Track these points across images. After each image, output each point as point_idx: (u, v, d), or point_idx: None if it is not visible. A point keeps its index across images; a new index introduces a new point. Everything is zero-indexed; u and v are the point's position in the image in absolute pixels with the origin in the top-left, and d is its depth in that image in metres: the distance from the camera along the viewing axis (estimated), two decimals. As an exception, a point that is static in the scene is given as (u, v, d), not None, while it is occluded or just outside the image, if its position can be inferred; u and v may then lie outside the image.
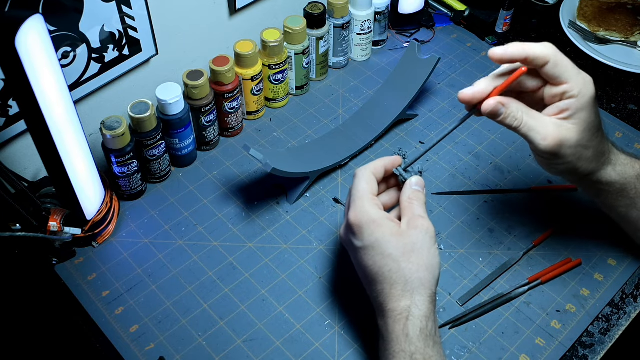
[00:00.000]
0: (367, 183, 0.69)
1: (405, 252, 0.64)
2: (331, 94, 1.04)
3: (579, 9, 1.17)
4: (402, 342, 0.63)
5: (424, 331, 0.63)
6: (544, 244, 0.84)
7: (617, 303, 0.79)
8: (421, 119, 1.00)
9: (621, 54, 1.10)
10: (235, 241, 0.85)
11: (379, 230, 0.65)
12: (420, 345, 0.62)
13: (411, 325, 0.63)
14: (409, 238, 0.65)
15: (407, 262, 0.64)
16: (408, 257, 0.64)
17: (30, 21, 0.61)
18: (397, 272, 0.64)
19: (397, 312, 0.64)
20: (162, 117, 0.86)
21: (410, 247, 0.64)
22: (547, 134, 0.65)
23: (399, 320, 0.63)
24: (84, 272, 0.81)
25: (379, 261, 0.65)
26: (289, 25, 0.96)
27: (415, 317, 0.63)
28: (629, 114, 1.02)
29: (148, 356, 0.74)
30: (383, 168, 0.72)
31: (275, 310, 0.78)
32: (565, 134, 0.65)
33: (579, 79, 0.66)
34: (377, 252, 0.65)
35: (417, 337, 0.62)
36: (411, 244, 0.65)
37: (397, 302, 0.64)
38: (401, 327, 0.63)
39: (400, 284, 0.64)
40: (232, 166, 0.93)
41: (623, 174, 0.72)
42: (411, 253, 0.64)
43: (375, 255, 0.65)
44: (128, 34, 0.85)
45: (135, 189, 0.88)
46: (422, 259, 0.65)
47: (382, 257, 0.65)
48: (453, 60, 1.10)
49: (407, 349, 0.62)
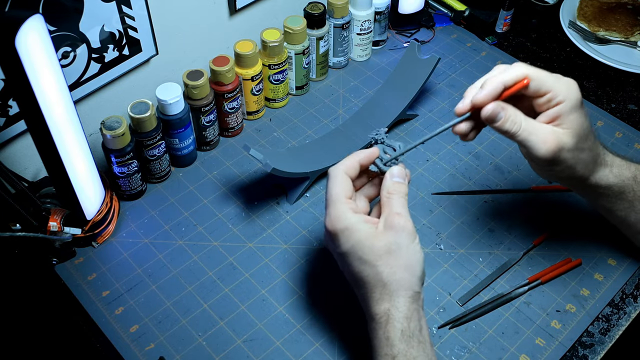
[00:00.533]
0: (339, 186, 0.67)
1: (381, 255, 0.63)
2: (331, 94, 1.04)
3: (579, 9, 1.17)
4: (384, 346, 0.63)
5: (405, 332, 0.62)
6: (544, 244, 0.84)
7: (617, 303, 0.79)
8: (421, 118, 1.00)
9: (621, 54, 1.10)
10: (235, 241, 0.85)
11: (354, 236, 0.64)
12: (403, 346, 0.62)
13: (391, 327, 0.62)
14: (385, 239, 0.64)
15: (384, 265, 0.63)
16: (385, 260, 0.63)
17: (30, 21, 0.61)
18: (374, 276, 0.64)
19: (379, 315, 0.64)
20: (162, 117, 0.86)
21: (386, 249, 0.63)
22: (547, 139, 0.65)
23: (380, 324, 0.63)
24: (84, 272, 0.81)
25: (357, 266, 0.64)
26: (289, 25, 0.96)
27: (395, 319, 0.63)
28: (629, 114, 1.02)
29: (148, 356, 0.74)
30: (358, 164, 0.69)
31: (275, 310, 0.78)
32: (562, 139, 0.65)
33: (560, 85, 0.66)
34: (354, 257, 0.64)
35: (398, 339, 0.62)
36: (386, 245, 0.63)
37: (378, 305, 0.64)
38: (382, 331, 0.63)
39: (379, 287, 0.64)
40: (232, 166, 0.94)
41: (620, 175, 0.72)
42: (388, 255, 0.63)
43: (353, 260, 0.64)
44: (128, 34, 0.85)
45: (135, 189, 0.88)
46: (399, 260, 0.63)
47: (360, 262, 0.64)
48: (453, 60, 1.10)
49: (390, 352, 0.62)
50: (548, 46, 1.13)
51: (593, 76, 1.08)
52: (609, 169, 0.72)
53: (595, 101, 1.03)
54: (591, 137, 0.69)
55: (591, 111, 1.01)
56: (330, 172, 0.68)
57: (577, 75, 1.07)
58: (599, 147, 0.71)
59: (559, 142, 0.65)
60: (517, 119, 0.65)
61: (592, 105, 1.02)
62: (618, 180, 0.72)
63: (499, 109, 0.65)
